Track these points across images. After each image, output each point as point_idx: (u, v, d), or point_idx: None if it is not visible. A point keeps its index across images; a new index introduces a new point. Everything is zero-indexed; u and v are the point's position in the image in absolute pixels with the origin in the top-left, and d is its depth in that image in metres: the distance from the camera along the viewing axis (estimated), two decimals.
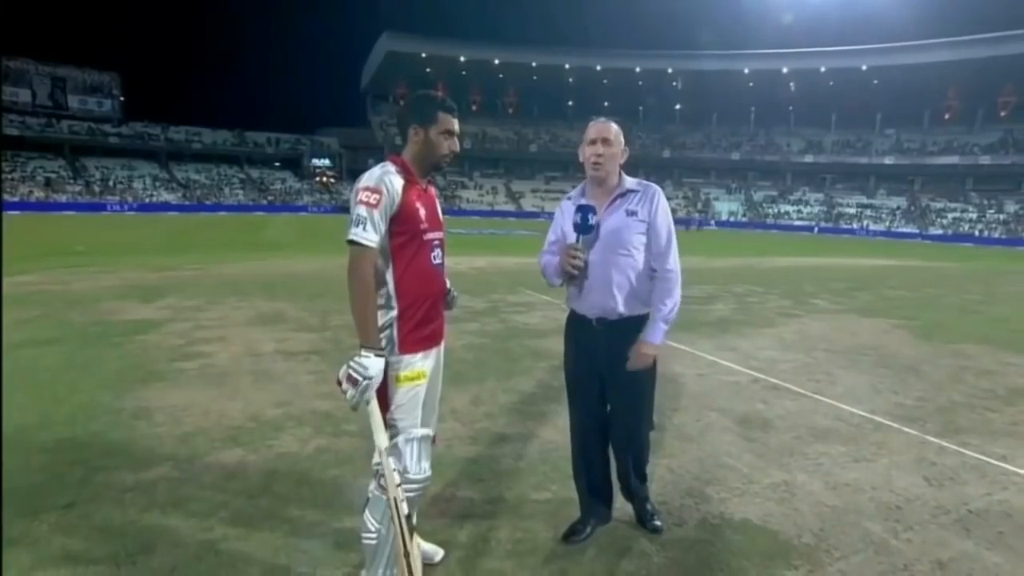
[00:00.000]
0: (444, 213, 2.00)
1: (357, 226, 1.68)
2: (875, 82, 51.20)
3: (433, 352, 1.90)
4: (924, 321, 7.50)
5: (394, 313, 1.79)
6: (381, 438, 1.71)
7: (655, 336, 2.08)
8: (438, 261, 1.91)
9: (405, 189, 1.76)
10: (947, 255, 17.29)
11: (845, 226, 48.08)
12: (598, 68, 56.38)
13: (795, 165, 56.35)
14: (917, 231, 44.92)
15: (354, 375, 1.62)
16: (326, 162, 57.40)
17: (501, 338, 5.70)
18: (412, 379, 1.81)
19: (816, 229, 47.05)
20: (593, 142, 2.06)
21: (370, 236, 1.68)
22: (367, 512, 1.79)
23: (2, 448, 2.52)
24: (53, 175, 44.57)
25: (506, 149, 59.23)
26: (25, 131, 45.83)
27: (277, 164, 57.32)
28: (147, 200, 44.96)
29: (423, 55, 53.71)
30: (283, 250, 15.67)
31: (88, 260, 11.30)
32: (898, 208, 49.91)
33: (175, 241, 17.58)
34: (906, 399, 4.19)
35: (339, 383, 1.65)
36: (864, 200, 52.38)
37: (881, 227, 47.24)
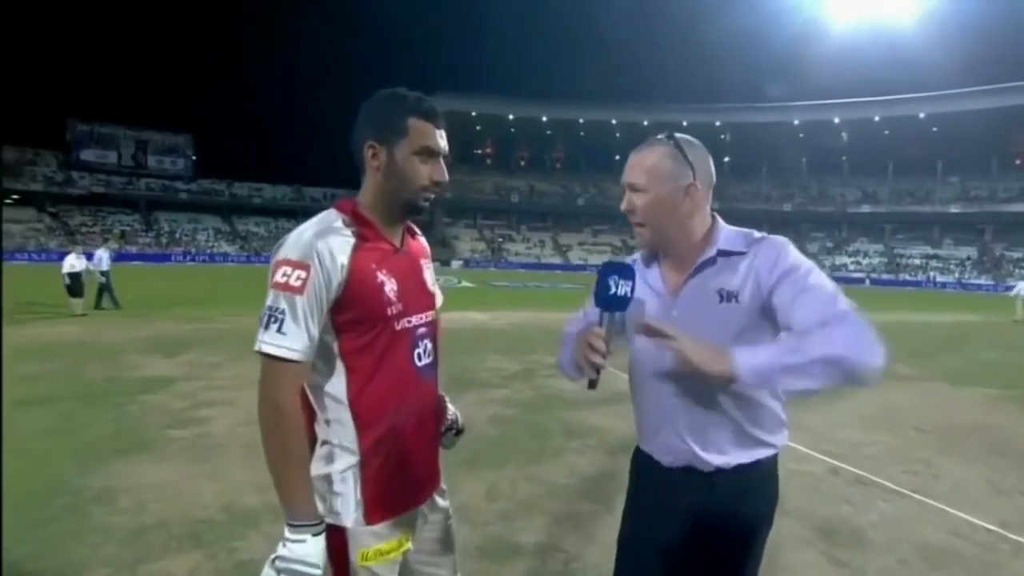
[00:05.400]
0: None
1: (268, 327, 1.05)
2: (934, 129, 49.30)
3: (416, 513, 1.26)
4: None
5: (352, 459, 1.15)
6: None
7: (746, 357, 1.01)
8: (425, 361, 1.23)
9: (356, 254, 1.12)
10: None
11: (909, 277, 45.23)
12: (645, 123, 56.71)
13: (851, 215, 54.20)
14: (993, 283, 41.68)
15: (286, 574, 1.03)
16: None
17: (532, 409, 5.06)
18: (384, 554, 1.17)
19: (868, 281, 44.17)
20: (623, 190, 1.28)
21: (291, 342, 1.05)
22: None
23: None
24: (128, 228, 47.64)
25: (554, 203, 59.61)
26: (109, 188, 49.65)
27: None
28: (208, 251, 47.21)
29: (473, 113, 55.43)
30: None
31: (131, 311, 11.42)
32: (968, 258, 46.81)
33: (220, 292, 17.90)
34: None
35: None
36: (929, 250, 49.52)
37: (950, 278, 44.26)
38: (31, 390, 5.03)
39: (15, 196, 44.38)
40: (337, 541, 1.14)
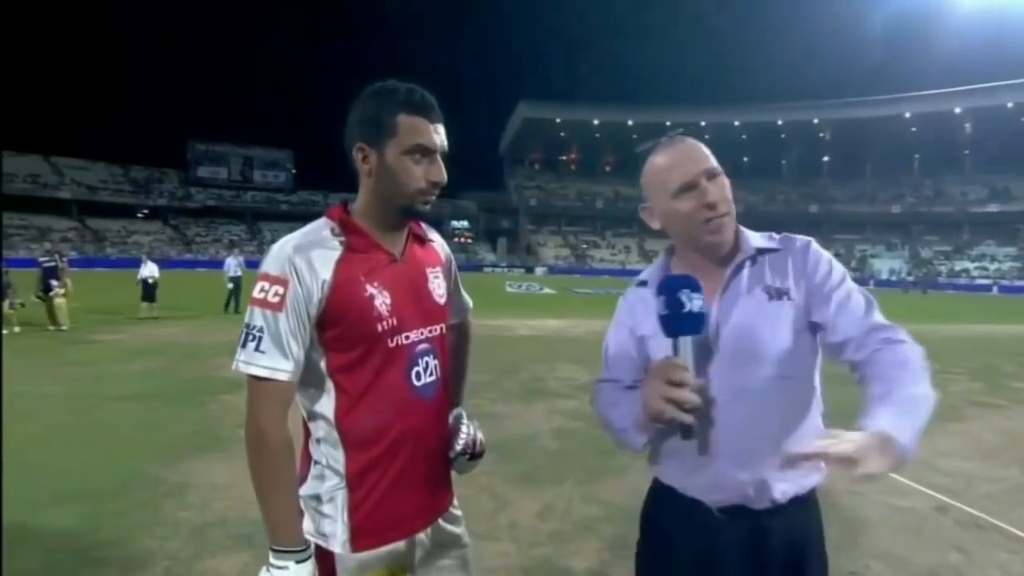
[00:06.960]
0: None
1: (246, 345, 1.00)
2: None
3: (414, 542, 1.16)
4: None
5: (340, 482, 1.08)
6: None
7: (902, 429, 0.83)
8: (426, 380, 1.14)
9: (341, 266, 1.04)
10: None
11: None
12: (736, 123, 54.28)
13: (974, 216, 48.58)
14: None
15: None
16: (464, 224, 60.52)
17: (598, 422, 4.83)
18: None
19: (995, 288, 39.22)
20: (690, 186, 1.07)
21: (270, 361, 0.99)
22: None
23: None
24: (235, 237, 52.02)
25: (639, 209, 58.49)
26: (220, 202, 54.51)
27: None
28: None
29: (557, 120, 55.56)
30: None
31: (232, 315, 12.33)
32: None
33: None
34: None
35: None
36: None
37: None
38: (135, 387, 5.54)
39: (145, 211, 49.81)
40: (326, 566, 1.08)
